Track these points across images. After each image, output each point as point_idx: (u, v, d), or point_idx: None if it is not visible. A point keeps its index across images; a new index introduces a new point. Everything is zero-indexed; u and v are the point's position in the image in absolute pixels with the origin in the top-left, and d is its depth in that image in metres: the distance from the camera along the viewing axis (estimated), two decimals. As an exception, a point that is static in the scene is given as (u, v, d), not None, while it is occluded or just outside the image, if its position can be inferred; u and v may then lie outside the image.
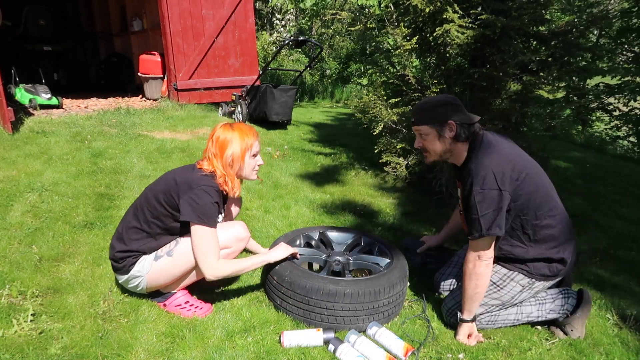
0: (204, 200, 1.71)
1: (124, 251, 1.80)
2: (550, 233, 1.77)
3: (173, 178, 1.80)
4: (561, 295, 1.90)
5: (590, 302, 1.90)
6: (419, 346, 1.75)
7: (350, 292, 1.73)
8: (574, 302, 1.88)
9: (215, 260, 1.72)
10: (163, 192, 1.77)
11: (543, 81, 3.05)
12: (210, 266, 1.72)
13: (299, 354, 1.64)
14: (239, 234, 1.92)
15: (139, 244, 1.80)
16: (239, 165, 1.85)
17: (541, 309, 1.89)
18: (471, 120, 1.80)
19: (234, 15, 6.06)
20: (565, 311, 1.87)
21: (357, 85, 11.06)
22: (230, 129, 1.85)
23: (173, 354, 1.62)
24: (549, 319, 1.90)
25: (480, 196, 1.66)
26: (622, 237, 3.08)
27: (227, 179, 1.83)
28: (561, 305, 1.88)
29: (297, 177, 3.73)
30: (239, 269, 1.81)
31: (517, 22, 2.86)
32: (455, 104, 1.83)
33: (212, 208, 1.73)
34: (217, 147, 1.82)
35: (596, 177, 4.69)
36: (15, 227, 2.42)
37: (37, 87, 5.23)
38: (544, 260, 1.79)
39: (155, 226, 1.79)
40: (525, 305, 1.89)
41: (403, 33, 3.24)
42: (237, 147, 1.83)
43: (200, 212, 1.70)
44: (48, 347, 1.59)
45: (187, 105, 5.83)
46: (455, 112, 1.79)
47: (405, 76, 3.42)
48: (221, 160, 1.82)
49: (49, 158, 3.46)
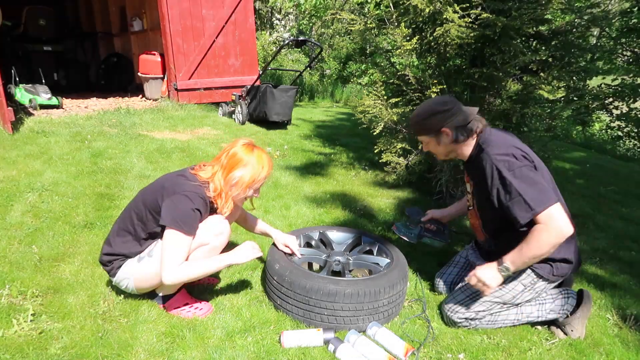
0: (184, 206, 1.64)
1: (109, 254, 1.79)
2: None
3: (162, 182, 1.76)
4: (561, 296, 1.90)
5: (590, 302, 1.90)
6: (419, 346, 1.75)
7: (350, 292, 1.73)
8: (574, 302, 1.88)
9: (175, 265, 1.63)
10: (150, 195, 1.74)
11: (543, 81, 3.05)
12: (168, 270, 1.62)
13: (299, 354, 1.64)
14: (215, 229, 1.77)
15: (124, 247, 1.78)
16: (239, 190, 1.77)
17: (541, 309, 1.88)
18: (467, 118, 1.79)
19: (234, 15, 6.06)
20: (566, 311, 1.87)
21: (357, 85, 11.06)
22: (250, 152, 1.77)
23: (173, 354, 1.62)
24: (549, 319, 1.90)
25: (514, 177, 1.60)
26: (622, 237, 3.08)
27: (223, 195, 1.75)
28: (561, 305, 1.87)
29: (297, 177, 3.73)
30: (198, 272, 1.69)
31: (517, 22, 2.86)
32: (446, 110, 1.80)
33: (191, 214, 1.65)
34: (229, 162, 1.75)
35: (596, 177, 4.69)
36: (15, 227, 2.42)
37: (37, 87, 5.23)
38: (546, 260, 1.76)
39: (140, 229, 1.76)
40: (525, 306, 1.88)
41: (403, 33, 3.24)
42: (248, 175, 1.75)
43: (177, 216, 1.63)
44: (48, 347, 1.59)
45: (187, 105, 5.84)
46: (447, 118, 1.79)
47: (405, 76, 3.41)
48: (226, 176, 1.75)
49: (49, 158, 3.46)
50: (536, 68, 3.24)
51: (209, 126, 5.10)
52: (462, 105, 1.84)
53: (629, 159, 7.05)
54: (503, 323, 1.89)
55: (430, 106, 1.86)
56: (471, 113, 1.81)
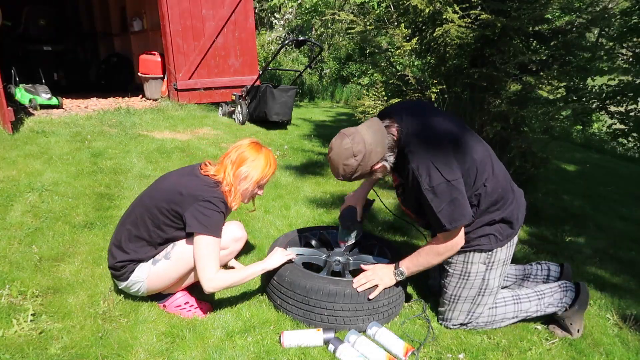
0: (211, 212, 1.70)
1: (124, 260, 1.78)
2: (491, 199, 1.74)
3: (175, 187, 1.76)
4: (560, 289, 1.90)
5: (588, 294, 1.90)
6: (419, 346, 1.75)
7: (350, 292, 1.73)
8: (573, 295, 1.88)
9: (214, 272, 1.70)
10: (167, 202, 1.74)
11: (543, 81, 3.05)
12: (209, 277, 1.69)
13: (299, 354, 1.64)
14: (235, 234, 1.91)
15: (139, 253, 1.79)
16: (247, 185, 1.84)
17: (540, 303, 1.88)
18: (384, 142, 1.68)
19: (234, 15, 6.06)
20: (564, 304, 1.87)
21: (357, 85, 11.06)
22: (259, 151, 1.85)
23: (173, 354, 1.62)
24: (548, 312, 1.89)
25: (431, 194, 1.62)
26: (622, 237, 3.08)
27: (233, 190, 1.80)
28: (559, 298, 1.88)
29: (297, 177, 3.73)
30: (237, 279, 1.78)
31: (516, 22, 2.86)
32: (361, 158, 1.66)
33: (219, 218, 1.72)
34: (239, 158, 1.81)
35: (596, 177, 4.69)
36: (15, 227, 2.42)
37: (37, 87, 5.23)
38: (485, 225, 1.77)
39: (157, 235, 1.77)
40: (523, 302, 1.88)
41: (403, 33, 3.24)
42: (256, 171, 1.82)
43: (207, 223, 1.69)
44: (48, 347, 1.59)
45: (187, 105, 5.83)
46: (368, 161, 1.68)
47: (405, 76, 3.42)
48: (235, 171, 1.80)
49: (49, 158, 3.46)
50: (536, 68, 3.25)
51: (209, 126, 5.10)
52: (365, 130, 1.69)
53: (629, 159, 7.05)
54: (503, 320, 1.88)
55: (345, 164, 1.69)
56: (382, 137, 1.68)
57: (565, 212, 3.42)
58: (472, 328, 1.89)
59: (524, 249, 2.73)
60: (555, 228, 3.10)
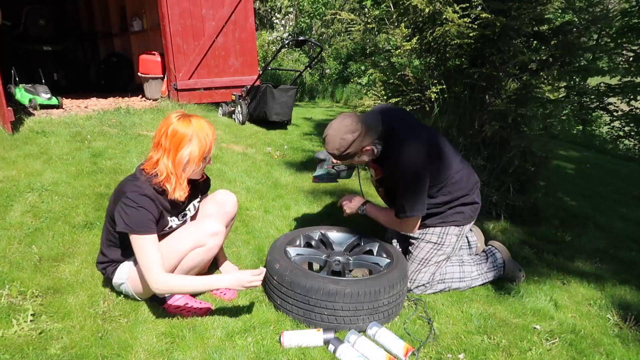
0: (130, 209, 1.61)
1: (102, 262, 1.83)
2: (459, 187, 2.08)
3: (117, 187, 1.75)
4: (486, 256, 2.31)
5: (503, 247, 2.32)
6: (419, 346, 1.75)
7: (350, 292, 1.73)
8: (500, 255, 2.28)
9: (158, 272, 1.60)
10: (111, 204, 1.74)
11: (543, 81, 3.05)
12: (154, 279, 1.60)
13: (299, 354, 1.64)
14: (211, 229, 1.79)
15: (113, 254, 1.81)
16: (193, 166, 1.69)
17: (479, 269, 2.23)
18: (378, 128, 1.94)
19: (234, 15, 6.05)
20: (500, 267, 2.26)
21: (357, 85, 11.06)
22: (189, 124, 1.66)
23: (173, 354, 1.62)
24: (490, 278, 2.25)
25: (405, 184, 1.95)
26: (622, 237, 3.08)
27: (172, 178, 1.66)
28: (493, 262, 2.27)
29: (297, 177, 3.73)
30: (187, 287, 1.70)
31: (516, 22, 2.86)
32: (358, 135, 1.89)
33: (140, 214, 1.60)
34: (172, 143, 1.64)
35: (596, 177, 4.69)
36: (15, 227, 2.41)
37: (37, 87, 5.22)
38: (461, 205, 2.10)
39: (116, 239, 1.77)
40: (466, 265, 2.21)
41: (403, 33, 3.23)
42: (196, 148, 1.66)
43: (129, 221, 1.60)
44: (48, 347, 1.59)
45: (187, 105, 5.83)
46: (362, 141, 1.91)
47: (405, 76, 3.41)
48: (173, 159, 1.66)
49: (49, 158, 3.46)
50: (536, 67, 3.24)
51: (209, 126, 5.09)
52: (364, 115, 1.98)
53: (629, 159, 7.05)
54: (451, 281, 2.16)
55: (343, 137, 1.91)
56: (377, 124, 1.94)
57: (565, 212, 3.42)
58: (429, 291, 2.14)
59: (524, 249, 2.73)
60: (555, 228, 3.10)
